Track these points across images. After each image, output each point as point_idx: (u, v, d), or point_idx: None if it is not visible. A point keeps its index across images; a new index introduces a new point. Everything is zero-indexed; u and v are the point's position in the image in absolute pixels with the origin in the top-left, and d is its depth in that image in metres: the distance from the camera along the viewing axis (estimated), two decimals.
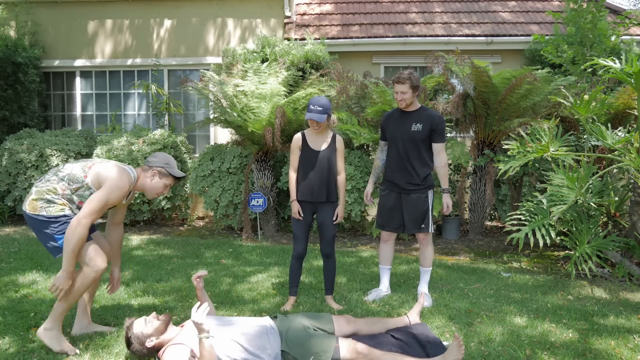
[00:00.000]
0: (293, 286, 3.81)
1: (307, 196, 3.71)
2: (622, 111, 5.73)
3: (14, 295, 3.95)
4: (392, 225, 3.97)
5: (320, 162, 3.69)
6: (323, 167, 3.69)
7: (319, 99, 3.61)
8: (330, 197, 3.73)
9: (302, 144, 3.75)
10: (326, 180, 3.70)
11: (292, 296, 3.81)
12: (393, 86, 3.86)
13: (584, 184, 4.30)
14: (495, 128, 6.18)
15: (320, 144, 3.73)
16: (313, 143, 3.73)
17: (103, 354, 2.90)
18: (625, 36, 7.55)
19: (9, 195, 7.19)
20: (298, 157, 3.75)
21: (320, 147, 3.72)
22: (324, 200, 3.71)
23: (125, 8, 8.49)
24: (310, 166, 3.70)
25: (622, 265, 4.60)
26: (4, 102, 7.85)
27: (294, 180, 3.79)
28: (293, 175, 3.79)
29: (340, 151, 3.78)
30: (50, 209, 2.87)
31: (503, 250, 5.84)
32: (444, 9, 9.10)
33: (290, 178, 3.80)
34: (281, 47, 7.42)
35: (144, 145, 6.91)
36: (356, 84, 6.61)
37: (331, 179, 3.72)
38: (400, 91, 3.79)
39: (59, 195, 2.90)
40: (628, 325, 3.46)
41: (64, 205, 2.90)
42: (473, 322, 3.47)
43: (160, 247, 5.86)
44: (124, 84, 8.62)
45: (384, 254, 4.09)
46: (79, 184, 2.93)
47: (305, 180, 3.70)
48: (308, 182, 3.70)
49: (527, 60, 8.11)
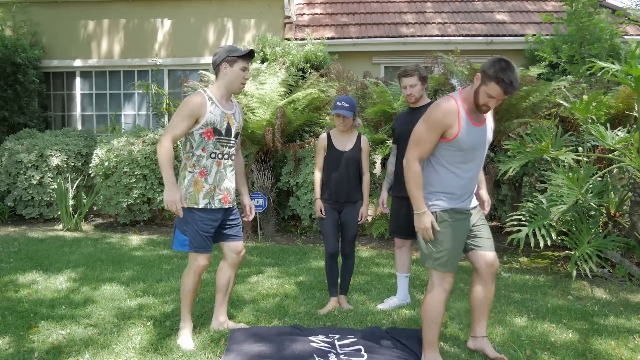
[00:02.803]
0: (332, 287, 3.74)
1: (332, 196, 3.69)
2: (621, 112, 5.73)
3: (14, 295, 3.95)
4: (402, 231, 3.74)
5: (346, 162, 3.67)
6: (348, 168, 3.66)
7: (345, 97, 3.61)
8: (354, 197, 3.70)
9: (327, 144, 3.74)
10: (351, 180, 3.67)
11: (333, 297, 3.75)
12: (400, 81, 3.66)
13: (584, 184, 4.30)
14: (495, 128, 6.18)
15: (345, 144, 3.70)
16: (338, 143, 3.71)
17: (103, 354, 2.89)
18: (626, 36, 7.54)
19: (9, 195, 7.19)
20: (323, 157, 3.75)
21: (345, 147, 3.70)
22: (349, 200, 3.69)
23: (125, 8, 8.49)
24: (335, 166, 3.69)
25: (622, 265, 4.60)
26: (4, 103, 7.85)
27: (319, 179, 3.77)
28: (318, 174, 3.78)
29: (365, 151, 3.73)
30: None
31: (503, 251, 5.84)
32: (444, 9, 9.10)
33: (315, 177, 3.78)
34: (281, 47, 7.41)
35: (144, 145, 6.91)
36: (356, 84, 6.61)
37: (356, 180, 3.71)
38: (409, 85, 3.60)
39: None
40: (628, 325, 3.46)
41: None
42: None
43: (160, 247, 5.86)
44: (123, 84, 8.62)
45: (398, 261, 3.88)
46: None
47: (330, 180, 3.70)
48: (333, 182, 3.69)
49: (527, 60, 8.11)
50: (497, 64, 2.47)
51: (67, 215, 6.80)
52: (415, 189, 2.62)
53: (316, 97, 6.48)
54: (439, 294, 2.69)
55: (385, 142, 6.12)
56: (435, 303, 2.69)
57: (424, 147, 2.61)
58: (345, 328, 3.33)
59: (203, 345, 3.04)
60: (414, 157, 2.61)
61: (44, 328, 3.26)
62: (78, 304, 3.75)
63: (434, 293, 2.70)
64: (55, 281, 4.35)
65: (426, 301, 2.72)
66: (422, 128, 2.62)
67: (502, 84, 2.45)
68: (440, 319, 2.71)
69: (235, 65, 2.99)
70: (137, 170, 6.78)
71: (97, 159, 6.89)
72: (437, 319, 2.70)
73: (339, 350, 2.97)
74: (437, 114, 2.56)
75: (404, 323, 3.45)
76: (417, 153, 2.61)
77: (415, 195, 2.62)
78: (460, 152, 2.62)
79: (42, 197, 7.19)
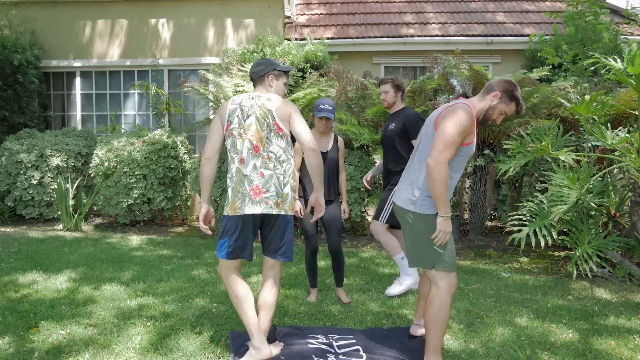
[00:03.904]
0: (313, 279, 3.97)
1: None
2: (622, 112, 5.73)
3: (14, 295, 3.95)
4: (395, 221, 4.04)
5: (327, 162, 3.87)
6: (329, 168, 3.87)
7: (326, 100, 3.78)
8: (334, 195, 3.91)
9: None
10: (331, 179, 3.89)
11: (314, 288, 3.98)
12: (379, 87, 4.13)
13: (584, 184, 4.30)
14: (495, 128, 6.18)
15: (324, 144, 3.90)
16: (318, 144, 3.82)
17: (103, 354, 2.89)
18: (627, 36, 7.54)
19: (9, 195, 7.19)
20: (301, 158, 3.87)
21: (326, 148, 3.90)
22: (329, 199, 3.88)
23: (125, 8, 8.48)
24: None
25: (623, 265, 4.59)
26: (3, 103, 7.85)
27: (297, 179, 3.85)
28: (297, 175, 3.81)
29: (342, 151, 4.01)
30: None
31: (503, 251, 5.84)
32: (444, 10, 9.10)
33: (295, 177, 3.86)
34: (281, 47, 7.41)
35: (144, 145, 6.91)
36: (356, 84, 6.61)
37: (335, 179, 3.93)
38: (383, 91, 4.05)
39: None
40: (628, 325, 3.46)
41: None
42: (473, 322, 3.47)
43: (160, 247, 5.86)
44: (123, 84, 8.62)
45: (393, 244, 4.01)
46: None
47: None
48: None
49: (527, 60, 8.10)
50: (513, 86, 2.73)
51: (67, 215, 6.80)
52: (444, 192, 2.61)
53: (316, 97, 6.47)
54: (447, 296, 2.68)
55: None
56: (444, 306, 2.67)
57: (454, 149, 2.62)
58: (345, 328, 3.33)
59: (203, 345, 3.04)
60: (446, 160, 2.59)
61: (44, 328, 3.26)
62: (78, 304, 3.75)
63: (441, 296, 2.68)
64: (55, 281, 4.35)
65: (433, 305, 2.68)
66: (453, 131, 2.60)
67: (520, 105, 2.74)
68: (447, 322, 2.69)
69: (280, 79, 3.02)
70: (137, 170, 6.78)
71: (97, 159, 6.89)
72: (444, 323, 2.68)
73: (338, 350, 2.97)
74: (467, 118, 2.61)
75: (404, 323, 3.45)
76: (448, 155, 2.60)
77: (444, 198, 2.61)
78: (466, 157, 2.73)
79: (42, 197, 7.19)
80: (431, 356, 2.71)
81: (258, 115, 2.79)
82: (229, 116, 2.82)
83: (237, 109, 2.81)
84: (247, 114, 2.80)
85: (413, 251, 2.77)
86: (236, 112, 2.81)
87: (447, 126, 2.61)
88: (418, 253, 2.74)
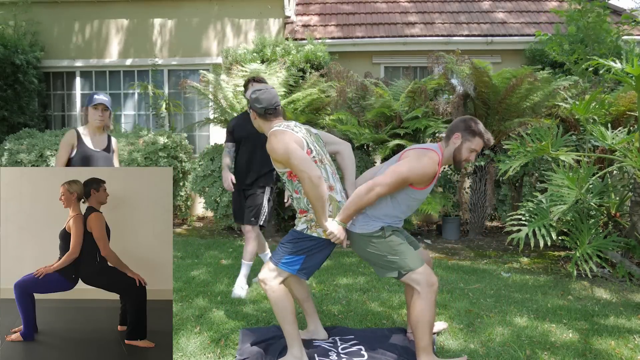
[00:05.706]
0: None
1: None
2: (622, 113, 5.73)
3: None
4: (241, 217, 4.23)
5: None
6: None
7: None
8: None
9: None
10: None
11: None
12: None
13: (584, 184, 4.30)
14: (495, 128, 6.18)
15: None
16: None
17: None
18: (627, 36, 7.54)
19: None
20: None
21: None
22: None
23: (125, 8, 8.48)
24: None
25: (623, 265, 4.59)
26: (3, 102, 7.84)
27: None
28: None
29: None
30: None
31: (503, 251, 5.84)
32: (445, 9, 9.10)
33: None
34: (281, 47, 7.41)
35: (143, 145, 6.91)
36: (356, 84, 6.60)
37: None
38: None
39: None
40: (628, 325, 3.46)
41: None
42: (473, 322, 3.47)
43: None
44: (123, 84, 8.62)
45: (251, 249, 4.22)
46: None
47: None
48: None
49: (528, 60, 8.10)
50: (472, 121, 2.77)
51: None
52: (355, 210, 2.66)
53: (316, 97, 6.47)
54: (429, 292, 2.66)
55: (385, 142, 6.11)
56: (428, 304, 2.65)
57: (398, 188, 2.66)
58: (346, 328, 3.33)
59: (203, 345, 3.04)
60: (381, 193, 2.63)
61: None
62: None
63: (423, 296, 2.66)
64: None
65: (416, 307, 2.66)
66: (406, 171, 2.64)
67: (484, 136, 2.76)
68: (433, 321, 2.70)
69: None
70: None
71: None
72: (431, 323, 2.68)
73: (340, 349, 2.97)
74: (429, 166, 2.65)
75: (404, 323, 3.45)
76: (387, 190, 2.64)
77: (351, 214, 2.67)
78: (417, 201, 2.79)
79: None
80: (422, 356, 2.70)
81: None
82: (306, 142, 2.73)
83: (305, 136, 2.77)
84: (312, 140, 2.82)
85: (376, 267, 2.84)
86: (306, 139, 2.75)
87: (402, 166, 2.67)
88: (380, 268, 2.79)
